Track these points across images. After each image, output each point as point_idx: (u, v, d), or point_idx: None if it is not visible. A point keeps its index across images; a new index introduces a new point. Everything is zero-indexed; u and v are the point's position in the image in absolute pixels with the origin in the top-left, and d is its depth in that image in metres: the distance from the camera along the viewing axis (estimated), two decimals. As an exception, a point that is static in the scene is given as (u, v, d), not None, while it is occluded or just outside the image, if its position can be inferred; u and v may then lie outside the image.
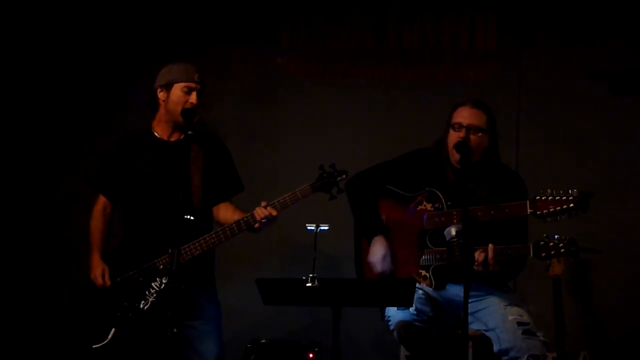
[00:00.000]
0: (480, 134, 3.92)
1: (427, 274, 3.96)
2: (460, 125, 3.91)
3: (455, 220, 3.87)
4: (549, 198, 3.74)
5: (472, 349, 4.02)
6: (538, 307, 4.18)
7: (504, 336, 3.76)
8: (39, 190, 5.48)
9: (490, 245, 3.75)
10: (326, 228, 3.48)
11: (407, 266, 4.00)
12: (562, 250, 3.71)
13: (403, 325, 3.78)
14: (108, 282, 3.98)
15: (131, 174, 4.06)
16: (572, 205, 3.71)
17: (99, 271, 4.00)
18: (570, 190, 3.74)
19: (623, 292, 5.22)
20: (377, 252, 3.97)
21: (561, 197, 3.73)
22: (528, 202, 3.79)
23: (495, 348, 3.79)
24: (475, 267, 3.75)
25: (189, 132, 3.84)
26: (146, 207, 4.03)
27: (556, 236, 3.74)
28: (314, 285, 3.34)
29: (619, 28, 5.35)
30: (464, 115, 3.93)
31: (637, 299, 5.21)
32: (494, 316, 3.84)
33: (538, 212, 3.76)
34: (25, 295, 5.38)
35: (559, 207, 3.72)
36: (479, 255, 3.74)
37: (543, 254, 3.74)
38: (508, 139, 5.30)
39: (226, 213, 4.11)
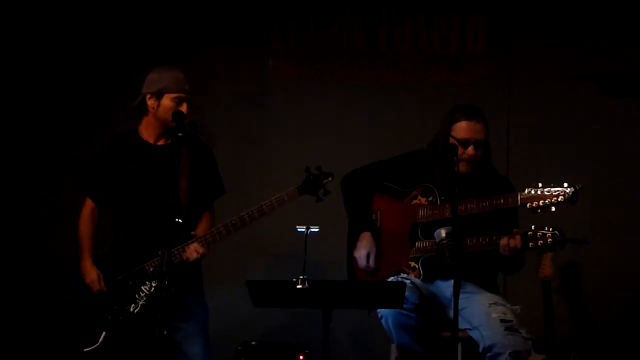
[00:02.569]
0: (483, 146, 4.01)
1: (417, 265, 4.00)
2: (468, 142, 3.95)
3: (447, 213, 3.91)
4: (539, 191, 3.78)
5: (462, 351, 4.03)
6: (527, 309, 4.18)
7: (487, 333, 3.79)
8: (30, 194, 5.46)
9: (516, 230, 3.81)
10: (316, 230, 3.49)
11: (398, 257, 4.04)
12: (550, 240, 3.75)
13: (392, 313, 3.81)
14: (105, 288, 3.98)
15: (120, 177, 4.06)
16: (561, 198, 3.75)
17: (94, 277, 3.99)
18: (560, 183, 3.78)
19: (612, 293, 5.24)
20: (362, 249, 4.04)
21: (551, 189, 3.77)
22: (519, 194, 3.84)
23: (480, 347, 3.82)
24: (504, 252, 3.81)
25: (180, 135, 3.83)
26: (135, 211, 4.03)
27: (545, 227, 3.78)
28: (304, 287, 3.35)
29: (609, 30, 5.37)
30: (471, 132, 3.96)
31: (626, 300, 5.23)
32: (478, 314, 3.87)
33: (528, 205, 3.81)
34: (16, 299, 5.36)
35: (549, 200, 3.78)
36: (508, 241, 3.79)
37: (531, 244, 3.79)
38: (498, 141, 5.30)
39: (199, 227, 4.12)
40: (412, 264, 4.03)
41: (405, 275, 3.99)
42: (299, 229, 3.49)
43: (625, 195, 5.32)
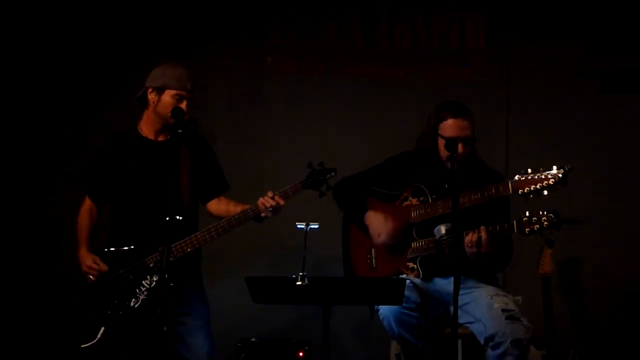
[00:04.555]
0: (470, 143, 4.00)
1: (415, 266, 4.00)
2: (456, 140, 3.92)
3: (440, 210, 3.91)
4: (529, 177, 3.78)
5: (462, 347, 4.03)
6: (527, 305, 4.18)
7: (489, 324, 3.79)
8: (27, 189, 5.46)
9: (483, 227, 3.78)
10: (316, 227, 3.48)
11: (395, 260, 4.04)
12: (546, 222, 3.73)
13: (393, 313, 3.81)
14: (105, 268, 3.97)
15: (119, 174, 4.06)
16: (552, 180, 3.74)
17: (90, 261, 3.99)
18: (549, 167, 3.77)
19: (612, 289, 5.24)
20: (376, 221, 4.03)
21: (541, 173, 3.76)
22: (510, 182, 3.82)
23: (481, 339, 3.81)
24: (468, 249, 3.78)
25: (179, 131, 3.84)
26: (135, 207, 4.03)
27: (540, 211, 3.76)
28: (304, 283, 3.34)
29: (608, 27, 5.37)
30: (458, 129, 3.96)
31: (625, 297, 5.23)
32: (480, 307, 3.87)
33: (520, 191, 3.79)
34: (14, 294, 5.36)
35: (539, 184, 3.75)
36: (472, 236, 3.77)
37: (527, 230, 3.77)
38: (498, 138, 5.33)
39: (223, 206, 4.13)
40: (411, 264, 4.02)
41: (404, 276, 4.00)
42: (298, 226, 3.48)
43: (625, 193, 5.32)
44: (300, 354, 4.86)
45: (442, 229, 3.77)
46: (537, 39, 5.45)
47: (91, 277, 3.98)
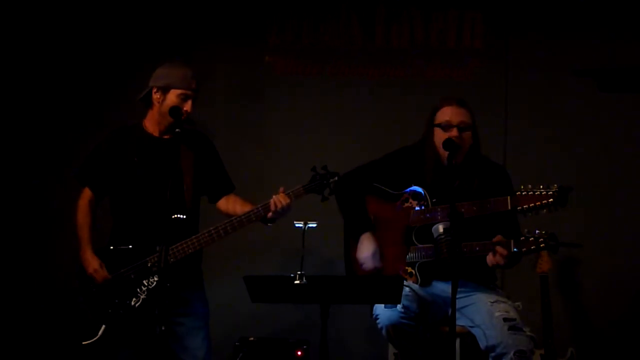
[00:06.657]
0: (469, 132, 3.96)
1: (413, 271, 3.98)
2: (451, 125, 3.92)
3: (439, 217, 3.89)
4: (529, 193, 3.76)
5: (460, 346, 4.03)
6: (525, 304, 4.18)
7: (490, 333, 3.77)
8: (28, 188, 5.46)
9: (498, 237, 3.78)
10: (314, 225, 3.49)
11: (394, 263, 4.01)
12: (542, 245, 3.73)
13: (391, 323, 3.80)
14: (108, 275, 3.97)
15: (123, 170, 4.06)
16: (551, 200, 3.73)
17: (96, 266, 3.98)
18: (550, 185, 3.76)
19: (609, 288, 5.25)
20: (366, 249, 4.00)
21: (541, 192, 3.75)
22: (509, 197, 3.81)
23: (482, 345, 3.80)
24: (492, 265, 3.78)
25: (177, 130, 3.84)
26: (137, 204, 4.03)
27: (537, 231, 3.76)
28: (302, 282, 3.34)
29: (605, 26, 5.37)
30: (453, 114, 3.94)
31: (623, 295, 5.24)
32: (480, 313, 3.86)
33: (519, 208, 3.78)
34: (15, 291, 5.36)
35: (539, 202, 3.74)
36: (494, 258, 3.76)
37: (524, 249, 3.76)
38: (495, 137, 5.33)
39: (231, 205, 4.12)
40: (409, 269, 4.00)
41: (404, 282, 3.97)
42: (296, 225, 3.49)
43: (622, 190, 5.32)
44: (299, 353, 4.86)
45: (440, 227, 3.75)
46: (535, 37, 5.46)
47: (96, 281, 3.98)
